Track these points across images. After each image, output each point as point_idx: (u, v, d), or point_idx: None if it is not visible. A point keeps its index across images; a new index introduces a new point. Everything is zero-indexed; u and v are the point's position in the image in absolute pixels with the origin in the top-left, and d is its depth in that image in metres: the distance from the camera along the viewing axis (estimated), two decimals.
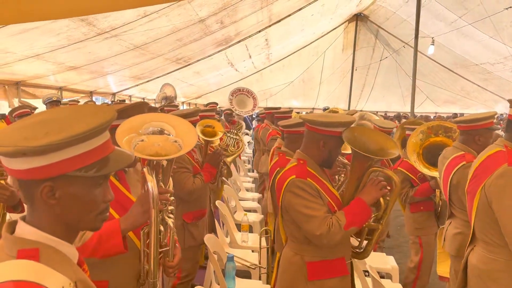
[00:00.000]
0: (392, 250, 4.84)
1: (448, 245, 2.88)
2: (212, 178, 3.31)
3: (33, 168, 0.90)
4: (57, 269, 0.92)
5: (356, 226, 1.96)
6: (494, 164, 2.00)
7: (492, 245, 2.01)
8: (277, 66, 13.51)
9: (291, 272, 2.11)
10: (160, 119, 1.71)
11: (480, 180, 2.05)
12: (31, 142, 0.87)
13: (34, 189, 0.93)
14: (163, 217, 1.66)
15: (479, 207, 2.05)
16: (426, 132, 3.26)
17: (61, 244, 0.97)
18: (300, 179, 2.00)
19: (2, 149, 0.87)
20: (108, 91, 9.25)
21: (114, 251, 1.55)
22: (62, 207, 0.95)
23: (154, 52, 7.15)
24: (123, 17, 4.75)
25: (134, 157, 1.11)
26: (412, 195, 3.48)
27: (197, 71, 10.41)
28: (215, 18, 6.64)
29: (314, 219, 1.93)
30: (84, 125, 0.92)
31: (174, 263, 1.70)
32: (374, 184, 2.00)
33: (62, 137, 0.88)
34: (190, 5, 5.39)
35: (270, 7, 7.58)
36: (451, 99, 14.72)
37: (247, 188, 6.60)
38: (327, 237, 1.91)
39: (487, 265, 2.03)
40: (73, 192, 0.95)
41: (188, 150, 1.65)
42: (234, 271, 3.04)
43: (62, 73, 6.39)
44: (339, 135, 2.04)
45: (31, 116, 1.00)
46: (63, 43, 4.84)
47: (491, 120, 2.73)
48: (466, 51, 10.70)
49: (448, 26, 9.61)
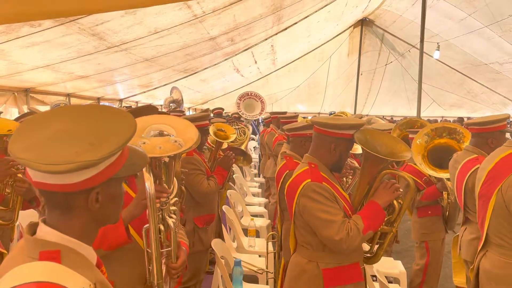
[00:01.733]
0: (400, 255, 4.82)
1: (465, 252, 2.81)
2: (224, 181, 3.34)
3: (86, 179, 0.94)
4: (78, 271, 0.95)
5: (372, 229, 1.93)
6: (509, 166, 1.97)
7: (507, 249, 1.99)
8: (283, 71, 13.54)
9: (305, 280, 2.05)
10: (159, 121, 1.73)
11: (495, 183, 2.02)
12: (86, 155, 0.90)
13: (77, 198, 0.97)
14: (164, 216, 1.65)
15: (495, 210, 2.02)
16: (430, 134, 3.24)
17: (81, 246, 1.00)
18: (316, 183, 1.96)
19: (62, 167, 0.87)
20: (116, 97, 9.35)
21: (119, 241, 1.59)
22: (101, 209, 1.01)
23: (163, 64, 7.19)
24: (134, 32, 4.79)
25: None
26: (419, 199, 3.45)
27: (203, 78, 10.46)
28: (226, 36, 6.66)
29: (333, 224, 1.88)
30: (126, 131, 0.98)
31: (177, 265, 1.68)
32: (388, 187, 1.98)
33: (115, 146, 0.94)
34: (201, 24, 5.41)
35: (281, 25, 7.60)
36: (458, 102, 14.61)
37: (253, 193, 6.62)
38: (346, 242, 1.87)
39: (502, 270, 2.00)
40: (112, 193, 1.02)
41: (189, 147, 1.65)
42: (241, 276, 3.05)
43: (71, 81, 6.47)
44: (350, 138, 2.02)
45: (44, 127, 0.98)
46: (73, 55, 4.91)
47: (504, 122, 2.70)
48: (474, 49, 10.51)
49: (456, 24, 9.46)
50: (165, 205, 1.65)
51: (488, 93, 13.46)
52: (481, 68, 11.42)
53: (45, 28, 3.72)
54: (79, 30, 4.10)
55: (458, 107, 14.90)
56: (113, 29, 4.40)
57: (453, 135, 3.19)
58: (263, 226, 4.80)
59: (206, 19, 5.29)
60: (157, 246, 1.58)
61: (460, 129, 3.17)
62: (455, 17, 9.16)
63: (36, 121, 1.00)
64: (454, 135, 3.19)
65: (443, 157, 2.95)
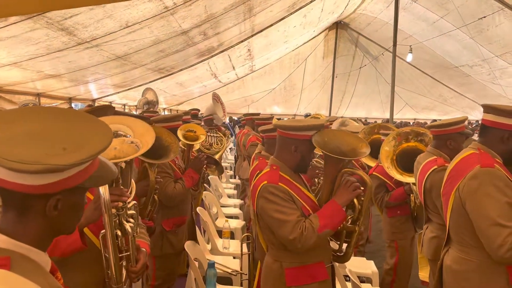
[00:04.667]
0: (373, 255, 4.88)
1: (426, 250, 2.92)
2: (194, 183, 3.28)
3: (50, 183, 0.91)
4: (29, 278, 0.91)
5: (330, 228, 1.95)
6: (467, 166, 2.03)
7: (466, 246, 2.05)
8: (259, 73, 13.60)
9: (270, 280, 2.09)
10: (115, 121, 1.69)
11: (454, 182, 2.08)
12: (56, 159, 0.87)
13: (36, 202, 0.93)
14: (121, 221, 1.61)
15: (453, 209, 2.09)
16: (397, 139, 3.34)
17: (33, 252, 0.96)
18: (272, 184, 1.99)
19: (29, 167, 0.84)
20: (88, 97, 9.14)
21: (73, 247, 1.53)
22: (59, 217, 0.97)
23: (136, 62, 7.09)
24: (104, 27, 4.70)
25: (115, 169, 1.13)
26: (387, 200, 3.52)
27: (180, 82, 10.37)
28: (198, 30, 6.63)
29: (287, 224, 1.91)
30: (101, 141, 0.96)
31: (137, 269, 1.66)
32: (347, 186, 2.01)
33: (88, 154, 0.91)
34: (173, 17, 5.37)
35: (253, 18, 7.61)
36: (429, 105, 15.04)
37: (228, 195, 6.59)
38: (300, 241, 1.89)
39: (460, 266, 2.06)
40: (73, 202, 0.99)
41: (146, 150, 1.62)
42: (215, 278, 3.03)
43: (41, 80, 6.29)
44: (310, 139, 2.04)
45: (13, 124, 0.95)
46: (42, 52, 4.77)
47: (462, 124, 2.79)
48: (446, 51, 10.84)
49: (429, 27, 9.73)
50: (121, 210, 1.61)
51: (458, 97, 13.92)
52: (452, 71, 11.76)
53: (11, 23, 3.60)
54: (47, 25, 3.98)
55: (430, 110, 15.34)
56: (82, 23, 4.30)
57: (420, 137, 3.29)
58: (238, 228, 4.78)
59: (178, 11, 5.25)
60: (115, 251, 1.54)
61: (427, 132, 3.27)
62: (428, 20, 9.38)
63: (4, 117, 0.96)
64: (422, 137, 3.29)
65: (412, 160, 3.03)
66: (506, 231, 1.83)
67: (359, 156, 2.07)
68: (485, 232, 1.89)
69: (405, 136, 3.35)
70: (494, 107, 2.05)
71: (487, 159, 2.01)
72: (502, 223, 1.85)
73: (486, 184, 1.92)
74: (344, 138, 2.11)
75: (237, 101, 14.76)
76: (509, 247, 1.81)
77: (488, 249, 1.90)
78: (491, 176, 1.93)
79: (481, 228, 1.91)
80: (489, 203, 1.90)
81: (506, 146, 2.04)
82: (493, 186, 1.91)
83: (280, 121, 2.25)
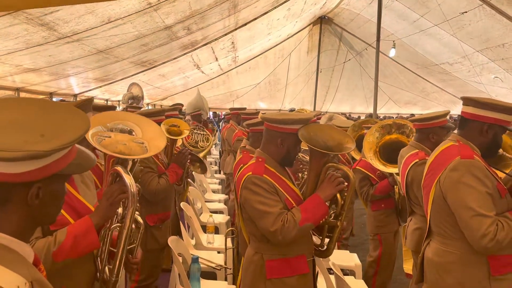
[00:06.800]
0: (356, 248, 4.94)
1: (409, 241, 2.96)
2: (178, 178, 3.26)
3: (30, 171, 0.90)
4: (11, 268, 0.89)
5: (311, 222, 1.96)
6: (448, 158, 2.05)
7: (447, 238, 2.07)
8: (244, 67, 13.53)
9: (251, 271, 2.11)
10: (131, 119, 1.73)
11: (435, 175, 2.10)
12: (36, 146, 0.87)
13: (16, 191, 0.92)
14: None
15: (434, 201, 2.10)
16: (380, 131, 3.39)
17: (15, 243, 0.95)
18: (256, 175, 2.01)
19: (9, 154, 0.84)
20: (70, 92, 8.96)
21: (90, 248, 1.55)
22: (41, 206, 0.96)
23: (118, 56, 6.96)
24: (86, 22, 4.59)
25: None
26: (373, 193, 3.56)
27: (163, 74, 10.26)
28: (182, 25, 6.55)
29: (269, 215, 1.92)
30: (79, 127, 0.96)
31: (138, 259, 1.71)
32: (331, 181, 2.02)
33: (66, 140, 0.91)
34: (156, 13, 5.28)
35: (237, 14, 7.56)
36: (412, 100, 15.24)
37: (213, 190, 6.58)
38: (282, 233, 1.90)
39: (441, 258, 2.08)
40: (54, 190, 0.99)
41: (154, 154, 1.66)
42: (199, 273, 3.02)
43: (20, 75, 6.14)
44: (296, 133, 2.05)
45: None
46: (21, 46, 4.65)
47: (444, 118, 2.84)
48: (427, 50, 10.98)
49: (410, 25, 9.82)
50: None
51: (440, 92, 14.14)
52: (433, 68, 11.94)
53: None
54: (27, 20, 3.88)
55: (413, 104, 15.54)
56: (63, 18, 4.20)
57: (401, 130, 3.35)
58: (222, 223, 4.78)
59: (161, 7, 5.17)
60: (125, 244, 1.58)
61: (408, 124, 3.33)
62: (410, 18, 9.49)
63: None
64: (403, 129, 3.34)
65: (394, 152, 3.08)
66: (488, 221, 1.86)
67: (344, 151, 2.09)
68: (467, 222, 1.91)
69: (388, 128, 3.40)
70: (474, 99, 2.07)
71: (467, 150, 2.03)
72: (483, 213, 1.87)
73: (466, 176, 1.95)
74: (329, 133, 2.13)
75: (222, 96, 14.68)
76: (492, 237, 1.84)
77: (471, 239, 1.91)
78: (472, 168, 1.96)
79: (463, 219, 1.93)
80: (470, 194, 1.92)
81: (485, 138, 2.07)
82: (474, 177, 1.93)
83: (267, 114, 2.25)
